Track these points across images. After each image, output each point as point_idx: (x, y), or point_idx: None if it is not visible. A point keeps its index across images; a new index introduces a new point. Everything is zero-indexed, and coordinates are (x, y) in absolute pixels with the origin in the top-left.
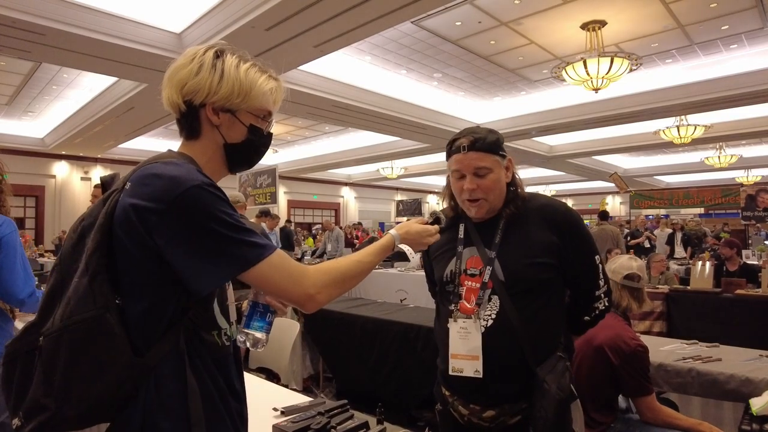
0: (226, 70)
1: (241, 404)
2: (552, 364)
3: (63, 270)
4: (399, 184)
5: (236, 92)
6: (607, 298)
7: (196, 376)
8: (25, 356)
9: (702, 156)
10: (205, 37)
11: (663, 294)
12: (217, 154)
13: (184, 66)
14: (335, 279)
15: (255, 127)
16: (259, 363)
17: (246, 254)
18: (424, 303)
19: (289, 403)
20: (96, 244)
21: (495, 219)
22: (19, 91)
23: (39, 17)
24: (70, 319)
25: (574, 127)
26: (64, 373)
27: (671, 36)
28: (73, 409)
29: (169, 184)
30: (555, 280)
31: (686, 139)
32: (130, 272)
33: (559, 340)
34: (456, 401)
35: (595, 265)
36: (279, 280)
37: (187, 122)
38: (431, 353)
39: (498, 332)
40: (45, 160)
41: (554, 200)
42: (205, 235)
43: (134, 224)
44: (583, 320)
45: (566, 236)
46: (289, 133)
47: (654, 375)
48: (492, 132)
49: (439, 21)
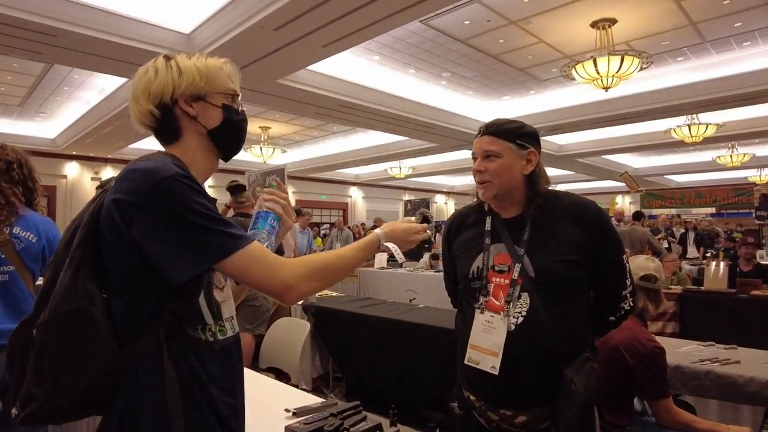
0: (180, 65)
1: (235, 399)
2: (580, 365)
3: (56, 266)
4: (407, 183)
5: (197, 78)
6: (632, 299)
7: (175, 368)
8: (22, 348)
9: (714, 155)
10: (214, 37)
11: (676, 294)
12: (202, 146)
13: (141, 77)
14: (315, 270)
15: (228, 106)
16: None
17: (221, 243)
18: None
19: (301, 404)
20: (80, 239)
21: (522, 215)
22: (31, 93)
23: (51, 19)
24: (56, 310)
25: (583, 126)
26: (52, 363)
27: (683, 34)
28: (61, 399)
29: (144, 176)
30: (583, 279)
31: (698, 138)
32: (114, 267)
33: (586, 340)
34: (483, 406)
35: (623, 264)
36: (256, 270)
37: (165, 126)
38: (441, 354)
39: (528, 330)
40: (56, 161)
41: (584, 198)
42: (180, 224)
43: (114, 218)
44: (608, 320)
45: (596, 234)
46: (297, 134)
47: (670, 377)
48: (514, 122)
49: (448, 20)
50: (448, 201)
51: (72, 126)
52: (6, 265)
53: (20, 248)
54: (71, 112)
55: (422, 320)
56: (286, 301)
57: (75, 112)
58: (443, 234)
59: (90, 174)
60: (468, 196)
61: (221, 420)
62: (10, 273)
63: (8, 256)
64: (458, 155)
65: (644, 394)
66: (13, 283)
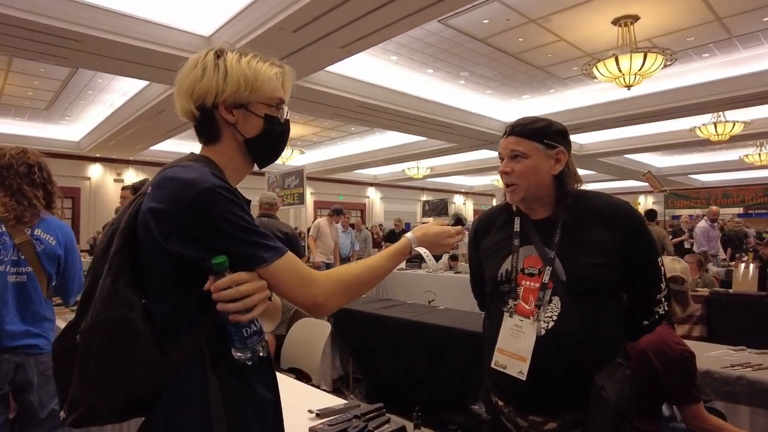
0: (228, 67)
1: (271, 395)
2: (612, 371)
3: (95, 272)
4: (425, 184)
5: (243, 85)
6: (666, 302)
7: (217, 375)
8: (66, 353)
9: (740, 153)
10: (234, 39)
11: (703, 297)
12: (238, 153)
13: (188, 73)
14: (346, 287)
15: (270, 117)
16: (291, 363)
17: (257, 254)
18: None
19: (323, 405)
20: (118, 246)
21: (552, 217)
22: (57, 97)
23: (76, 24)
24: (98, 317)
25: (605, 125)
26: (96, 369)
27: (708, 29)
28: (105, 404)
29: (183, 187)
30: (616, 283)
31: (724, 137)
32: (152, 273)
33: (619, 346)
34: (512, 412)
35: (658, 267)
36: (289, 282)
37: (204, 127)
38: (462, 356)
39: (559, 335)
40: (80, 163)
41: (618, 199)
42: (217, 236)
43: (152, 228)
44: (642, 325)
45: (630, 237)
46: (315, 135)
47: (700, 382)
48: (541, 120)
49: (466, 19)
50: (467, 201)
51: (95, 129)
52: (24, 266)
53: (40, 250)
54: (95, 115)
55: (442, 322)
56: (316, 315)
57: (98, 115)
58: (470, 236)
59: (113, 175)
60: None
61: (262, 419)
62: (28, 274)
63: (27, 257)
64: (477, 155)
65: (673, 399)
66: (30, 285)
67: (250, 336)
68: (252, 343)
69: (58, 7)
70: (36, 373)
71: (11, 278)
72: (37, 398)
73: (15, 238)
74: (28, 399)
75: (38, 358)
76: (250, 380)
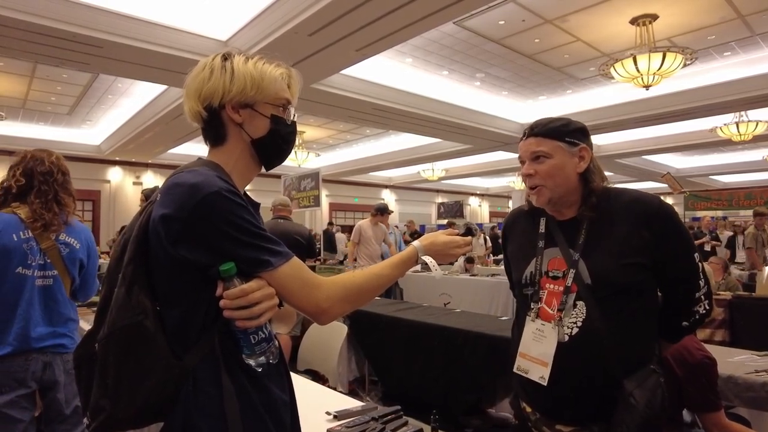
0: (235, 68)
1: (287, 396)
2: (642, 378)
3: (110, 281)
4: (440, 186)
5: (249, 85)
6: (707, 301)
7: (231, 378)
8: (87, 362)
9: (764, 153)
10: (250, 43)
11: (726, 301)
12: (245, 154)
13: (196, 76)
14: (350, 293)
15: (277, 117)
16: (307, 365)
17: (263, 258)
18: (467, 307)
19: (340, 407)
20: (131, 255)
21: (578, 217)
22: (78, 102)
23: (97, 30)
24: (114, 326)
25: (623, 125)
26: (114, 376)
27: (730, 27)
28: (126, 410)
29: (188, 192)
30: (647, 283)
31: (747, 137)
32: (164, 279)
33: (652, 351)
34: (539, 420)
35: (695, 263)
36: (294, 287)
37: (211, 128)
38: (478, 359)
39: (583, 341)
40: (101, 166)
41: (646, 194)
42: (223, 239)
43: (160, 234)
44: (682, 326)
45: (660, 232)
46: (330, 137)
47: (723, 388)
48: (560, 119)
49: (482, 20)
50: (482, 203)
51: (115, 133)
52: (51, 269)
53: (65, 254)
54: (114, 120)
55: (459, 325)
56: (320, 322)
57: (118, 119)
58: (501, 236)
59: (132, 178)
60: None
61: (278, 421)
62: (54, 277)
63: (53, 261)
64: (492, 156)
65: (693, 406)
66: (56, 287)
67: (258, 343)
68: (260, 350)
69: (80, 14)
70: (63, 371)
71: (39, 282)
72: (63, 395)
73: (41, 243)
74: (54, 396)
75: (64, 357)
76: (265, 383)
